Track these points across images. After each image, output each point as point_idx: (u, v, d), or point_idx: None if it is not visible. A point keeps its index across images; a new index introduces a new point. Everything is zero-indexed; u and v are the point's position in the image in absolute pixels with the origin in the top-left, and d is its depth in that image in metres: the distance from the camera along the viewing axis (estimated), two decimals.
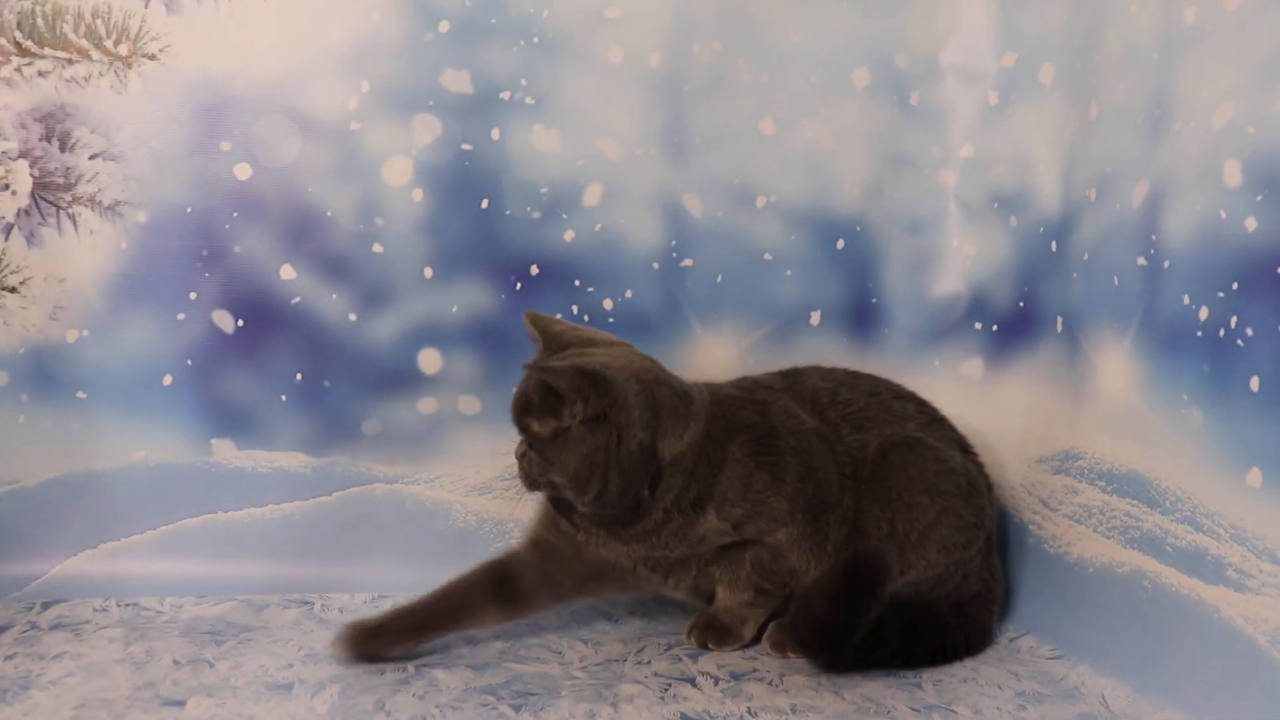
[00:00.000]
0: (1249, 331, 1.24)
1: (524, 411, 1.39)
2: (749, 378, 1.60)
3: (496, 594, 1.48)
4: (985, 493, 1.57)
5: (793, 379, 1.59)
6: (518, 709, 1.30)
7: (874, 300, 1.81)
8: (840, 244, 1.79)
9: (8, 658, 1.42)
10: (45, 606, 1.62)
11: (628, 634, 1.57)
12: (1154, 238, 1.40)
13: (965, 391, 1.78)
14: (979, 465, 1.60)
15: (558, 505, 1.47)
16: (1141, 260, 1.43)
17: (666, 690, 1.37)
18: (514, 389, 1.42)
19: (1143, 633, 1.39)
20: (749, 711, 1.30)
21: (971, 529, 1.52)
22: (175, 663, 1.42)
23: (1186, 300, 1.34)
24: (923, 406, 1.62)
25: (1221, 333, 1.28)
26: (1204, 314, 1.31)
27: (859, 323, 1.81)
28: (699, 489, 1.42)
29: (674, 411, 1.41)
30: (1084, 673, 1.42)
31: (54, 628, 1.54)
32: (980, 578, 1.55)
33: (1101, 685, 1.37)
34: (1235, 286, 1.26)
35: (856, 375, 1.62)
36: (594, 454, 1.35)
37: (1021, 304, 1.74)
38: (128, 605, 1.63)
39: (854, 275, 1.80)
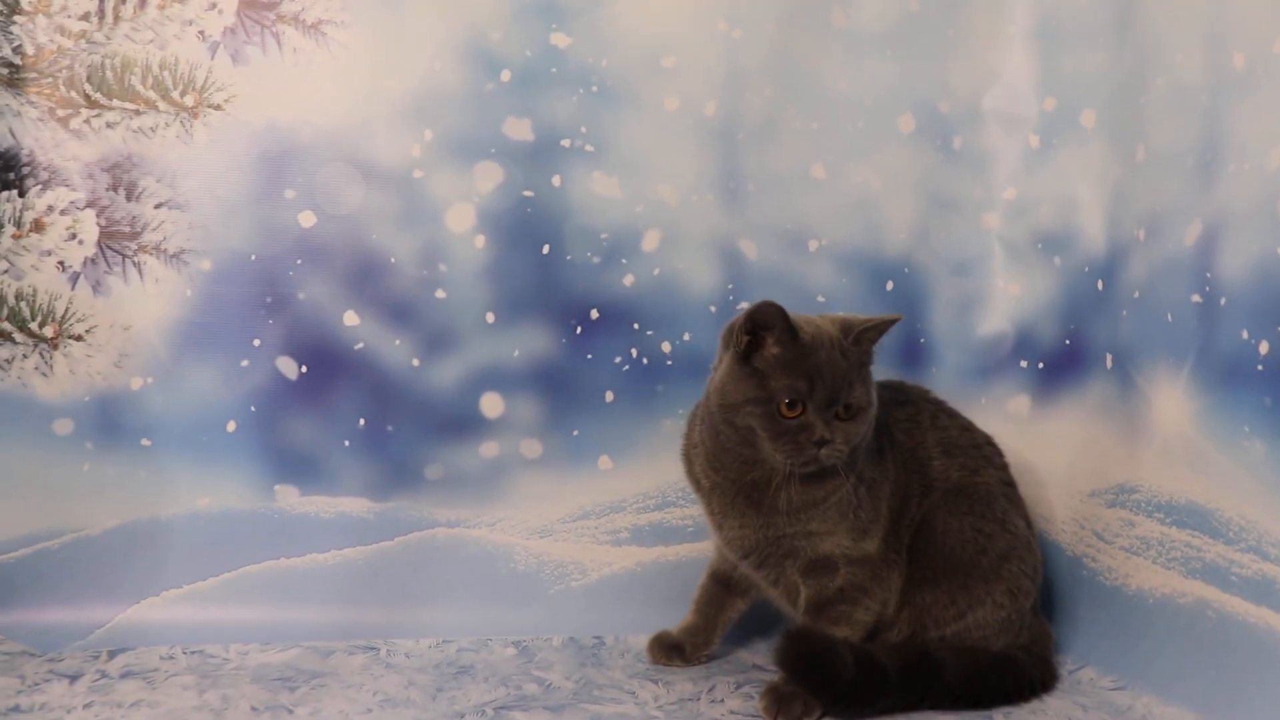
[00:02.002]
0: None
1: (851, 386, 1.41)
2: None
3: (730, 590, 1.62)
4: (1040, 563, 1.60)
5: (900, 392, 1.63)
6: None
7: (922, 339, 1.85)
8: (889, 285, 1.83)
9: (86, 706, 1.42)
10: (112, 655, 1.61)
11: (695, 674, 1.58)
12: (1209, 275, 1.43)
13: (1012, 428, 1.80)
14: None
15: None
16: (1196, 297, 1.46)
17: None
18: (812, 382, 1.38)
19: (1209, 662, 1.40)
20: None
21: (1030, 586, 1.54)
22: (254, 709, 1.41)
23: (1245, 335, 1.37)
24: (1005, 468, 1.63)
25: None
26: (1264, 348, 1.34)
27: (908, 361, 1.84)
28: None
29: None
30: (1150, 703, 1.43)
31: (125, 675, 1.53)
32: (1032, 629, 1.58)
33: (1169, 714, 1.38)
34: None
35: (954, 410, 1.65)
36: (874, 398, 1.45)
37: (1068, 341, 1.77)
38: (193, 653, 1.62)
39: (903, 315, 1.82)
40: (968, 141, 1.82)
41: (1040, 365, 1.81)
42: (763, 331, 1.39)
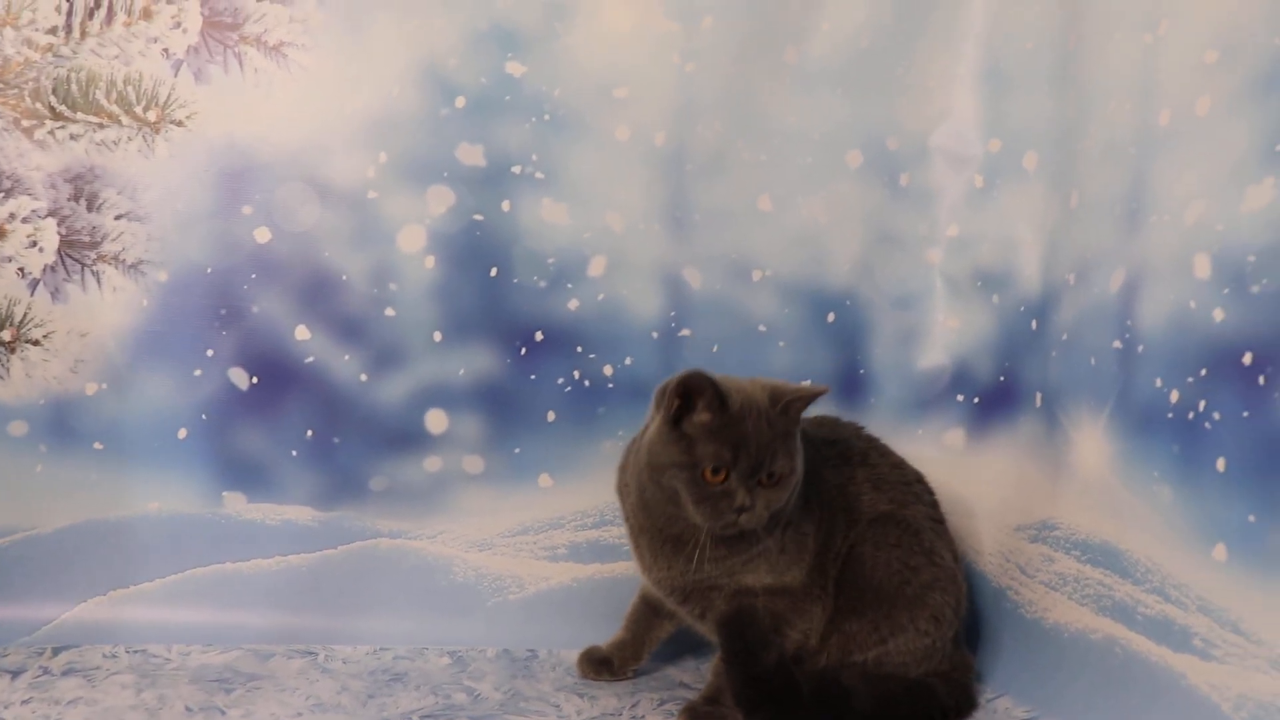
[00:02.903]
0: (1216, 415, 1.31)
1: (774, 455, 1.43)
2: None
3: (659, 613, 1.65)
4: (964, 594, 1.64)
5: (832, 429, 1.67)
6: None
7: (862, 371, 1.89)
8: (831, 317, 1.87)
9: (24, 702, 1.47)
10: (56, 652, 1.66)
11: (622, 689, 1.62)
12: (1129, 323, 1.48)
13: (947, 460, 1.85)
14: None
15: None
16: (1117, 343, 1.50)
17: None
18: (738, 451, 1.41)
19: (1114, 697, 1.44)
20: None
21: (953, 616, 1.58)
22: (188, 710, 1.47)
23: (1159, 383, 1.41)
24: (935, 505, 1.68)
25: (1191, 415, 1.35)
26: (1175, 397, 1.38)
27: (848, 392, 1.88)
28: None
29: None
30: None
31: (66, 673, 1.59)
32: (953, 658, 1.61)
33: None
34: (1204, 373, 1.33)
35: (885, 447, 1.68)
36: (800, 465, 1.48)
37: (1002, 378, 1.82)
38: (136, 652, 1.68)
39: (844, 347, 1.88)
40: (914, 178, 1.86)
41: (976, 400, 1.86)
42: (693, 397, 1.42)
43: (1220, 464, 1.30)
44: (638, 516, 1.53)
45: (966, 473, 1.84)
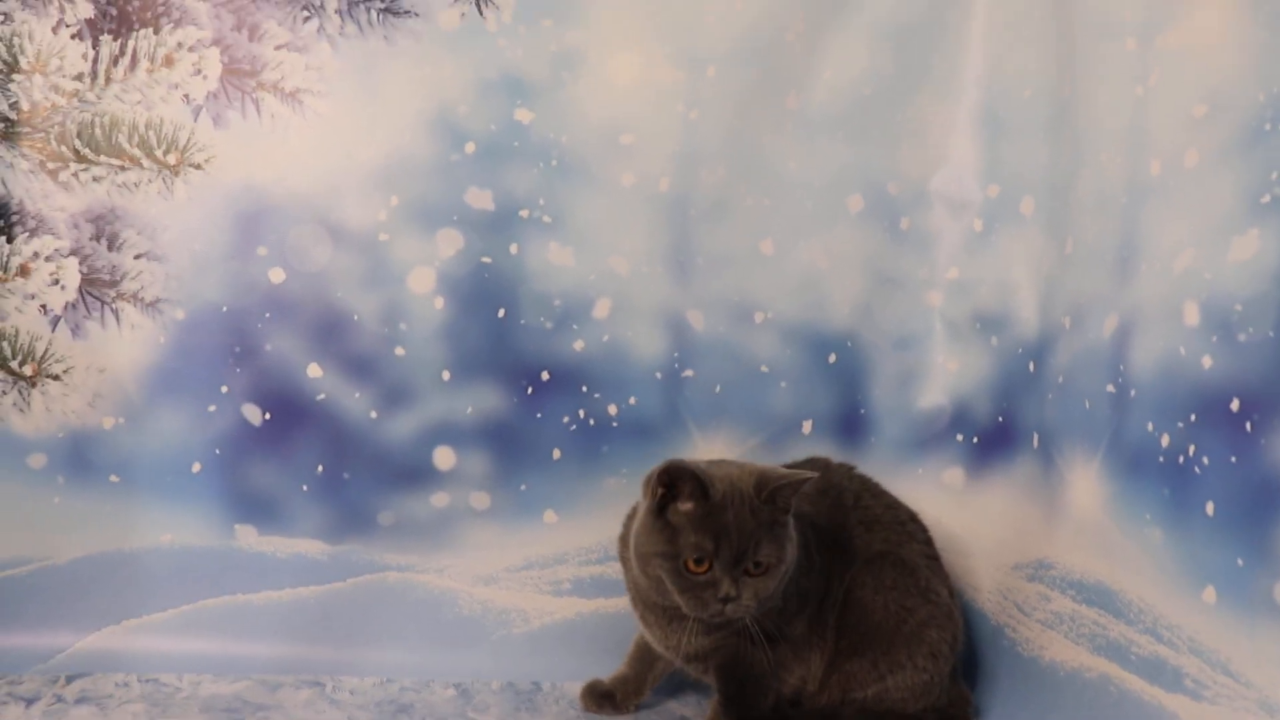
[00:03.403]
0: (1205, 460, 1.33)
1: (756, 545, 1.42)
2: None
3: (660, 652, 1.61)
4: (960, 629, 1.66)
5: (825, 472, 1.68)
6: None
7: (862, 411, 1.92)
8: (832, 358, 1.90)
9: None
10: (69, 680, 1.70)
11: None
12: (1122, 367, 1.50)
13: (946, 499, 1.88)
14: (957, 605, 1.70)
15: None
16: (1110, 387, 1.53)
17: None
18: (718, 542, 1.41)
19: None
20: None
21: (949, 651, 1.61)
22: None
23: (1150, 428, 1.43)
24: (929, 543, 1.71)
25: (1181, 459, 1.37)
26: (1165, 441, 1.40)
27: (848, 432, 1.91)
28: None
29: None
30: None
31: (79, 701, 1.62)
32: (950, 692, 1.63)
33: None
34: (1193, 418, 1.36)
35: (878, 487, 1.72)
36: (793, 551, 1.47)
37: (1001, 419, 1.84)
38: (148, 681, 1.71)
39: (844, 387, 1.91)
40: (914, 222, 1.89)
41: (975, 440, 1.88)
42: (675, 486, 1.43)
43: (1209, 508, 1.32)
44: (635, 589, 1.57)
45: (965, 512, 1.86)
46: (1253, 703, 1.24)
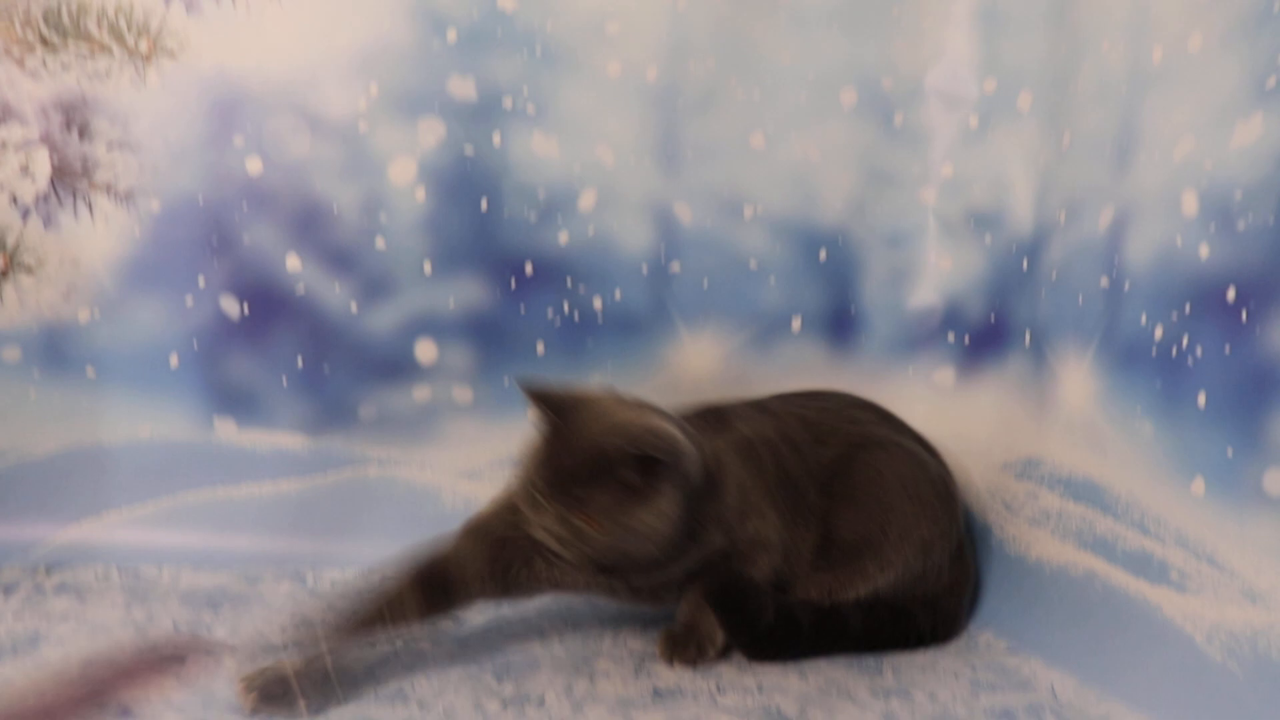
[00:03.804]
0: (1199, 351, 1.32)
1: (581, 480, 1.30)
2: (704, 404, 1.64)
3: (426, 598, 1.40)
4: (956, 493, 1.65)
5: (754, 405, 1.62)
6: (499, 679, 1.37)
7: (852, 309, 1.89)
8: (823, 254, 1.87)
9: (16, 617, 1.50)
10: (49, 570, 1.69)
11: (604, 615, 1.64)
12: (1116, 260, 1.48)
13: (937, 399, 1.87)
14: (945, 466, 1.68)
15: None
16: (1104, 281, 1.51)
17: (640, 667, 1.44)
18: (538, 456, 1.34)
19: (1092, 629, 1.46)
20: (717, 688, 1.37)
21: (947, 528, 1.59)
22: (175, 626, 1.49)
23: (1144, 320, 1.42)
24: (882, 413, 1.68)
25: (1174, 351, 1.36)
26: (1159, 333, 1.39)
27: (838, 330, 1.89)
28: (715, 509, 1.44)
29: (700, 447, 1.41)
30: (1036, 666, 1.48)
31: (59, 591, 1.62)
32: (951, 572, 1.62)
33: (1052, 677, 1.44)
34: (1188, 309, 1.34)
35: (812, 394, 1.68)
36: (669, 509, 1.33)
37: (993, 317, 1.83)
38: (128, 572, 1.71)
39: (834, 285, 1.88)
40: (908, 118, 1.86)
41: (966, 339, 1.86)
42: (534, 408, 1.36)
43: (1201, 399, 1.30)
44: None
45: (955, 412, 1.85)
46: (1236, 591, 1.24)
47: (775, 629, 1.46)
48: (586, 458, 1.30)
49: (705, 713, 1.30)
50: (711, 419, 1.54)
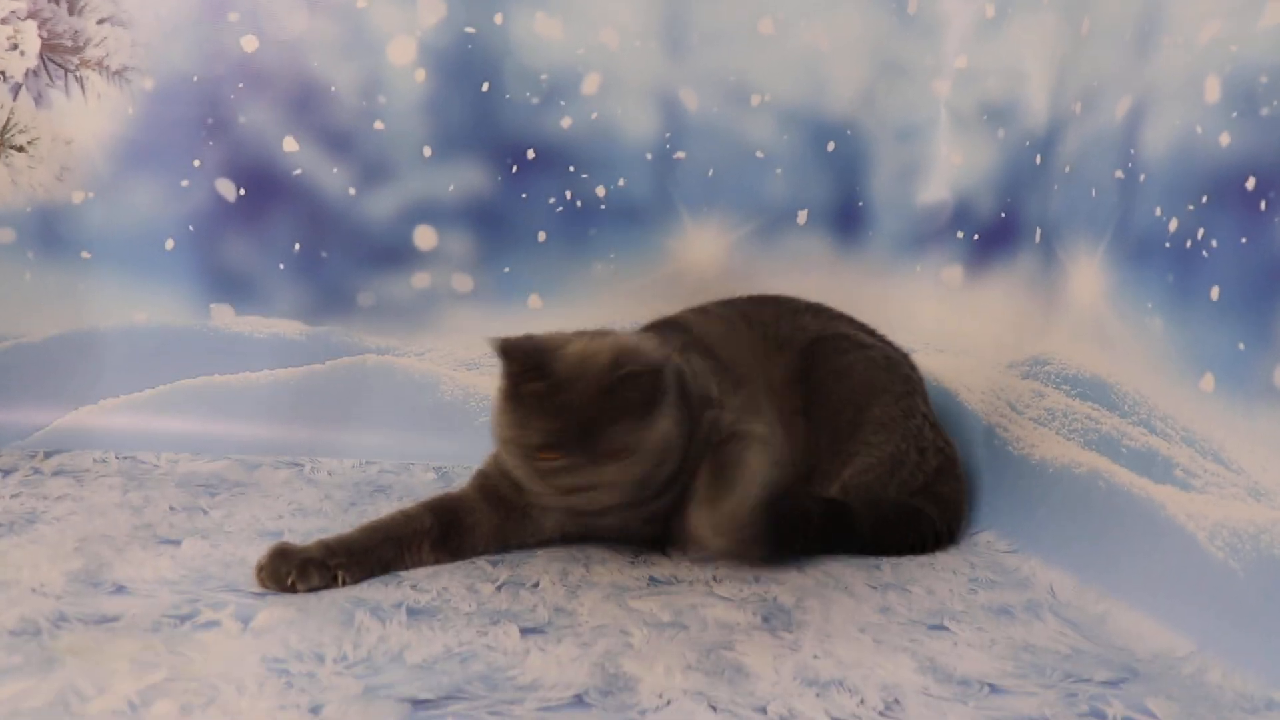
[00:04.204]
0: (1214, 243, 1.28)
1: (598, 427, 1.27)
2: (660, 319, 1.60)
3: (440, 537, 1.35)
4: (904, 360, 1.62)
5: (698, 313, 1.60)
6: (494, 564, 1.37)
7: (860, 203, 1.86)
8: (831, 146, 1.83)
9: (14, 496, 1.50)
10: (48, 455, 1.69)
11: None
12: (1133, 151, 1.44)
13: (944, 297, 1.84)
14: (889, 343, 1.65)
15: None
16: (1119, 173, 1.47)
17: (638, 556, 1.44)
18: (545, 422, 1.27)
19: (1094, 529, 1.45)
20: (714, 579, 1.36)
21: (904, 397, 1.57)
22: (171, 509, 1.49)
23: (1158, 212, 1.38)
24: (819, 311, 1.65)
25: (1188, 244, 1.32)
26: (1173, 225, 1.35)
27: (845, 224, 1.86)
28: (697, 405, 1.41)
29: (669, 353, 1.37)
30: (1035, 565, 1.48)
31: (56, 474, 1.62)
32: (936, 447, 1.60)
33: (1050, 576, 1.43)
34: (1205, 199, 1.30)
35: (757, 301, 1.64)
36: (673, 422, 1.32)
37: (1003, 214, 1.79)
38: (126, 458, 1.71)
39: (842, 177, 1.85)
40: (923, 7, 1.81)
41: (975, 237, 1.83)
42: (513, 366, 1.29)
43: (1214, 293, 1.27)
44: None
45: (962, 310, 1.83)
46: (1241, 489, 1.22)
47: (792, 526, 1.44)
48: (588, 400, 1.26)
49: (701, 600, 1.29)
50: (668, 328, 1.52)
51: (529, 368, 1.28)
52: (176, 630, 1.11)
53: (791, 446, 1.51)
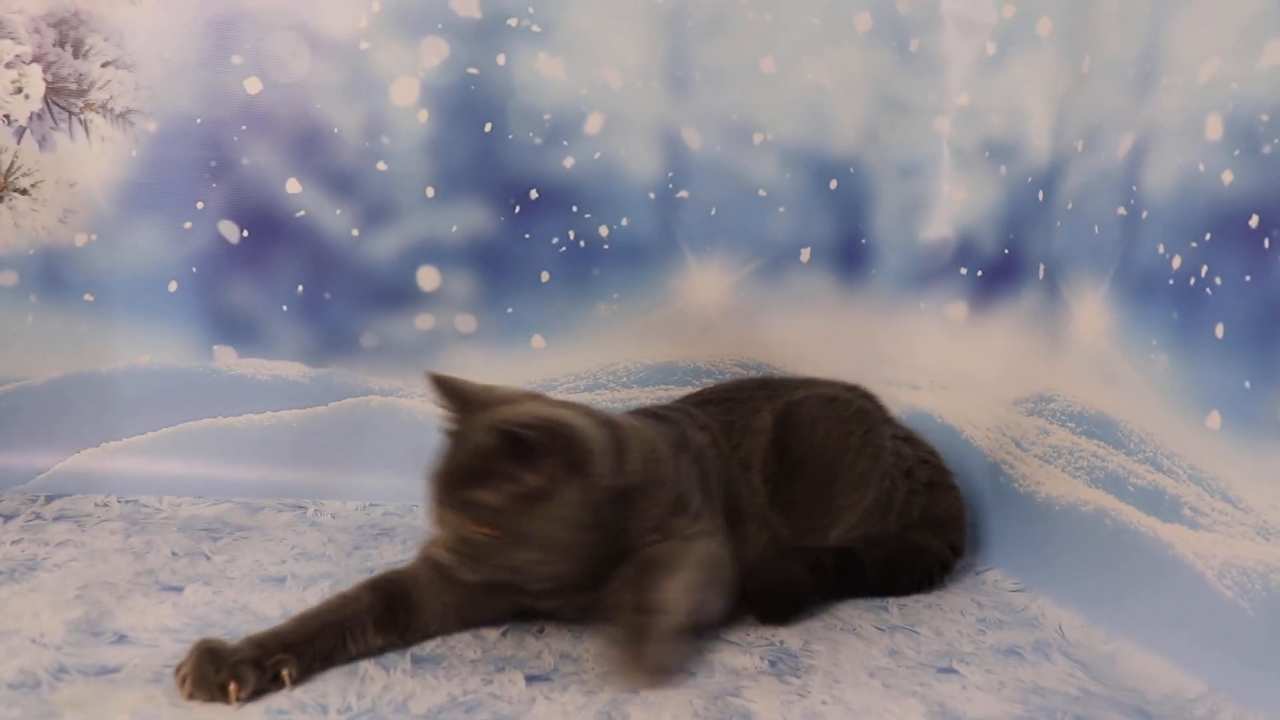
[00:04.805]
0: (1218, 280, 1.28)
1: (467, 482, 1.16)
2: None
3: (384, 617, 1.20)
4: (853, 395, 1.60)
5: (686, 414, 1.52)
6: None
7: (864, 240, 1.86)
8: (834, 184, 1.83)
9: (14, 542, 1.49)
10: (49, 499, 1.68)
11: None
12: (1135, 188, 1.44)
13: (948, 335, 1.84)
14: (829, 383, 1.63)
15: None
16: (1122, 210, 1.47)
17: None
18: (435, 462, 1.20)
19: (1102, 568, 1.44)
20: (720, 623, 1.35)
21: (867, 439, 1.54)
22: (174, 554, 1.48)
23: (1161, 250, 1.38)
24: (767, 384, 1.63)
25: (1192, 281, 1.32)
26: (1177, 263, 1.35)
27: (848, 262, 1.85)
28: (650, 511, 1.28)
29: (621, 441, 1.26)
30: (1044, 604, 1.47)
31: (58, 519, 1.61)
32: (920, 460, 1.59)
33: (1060, 615, 1.42)
34: (1208, 237, 1.30)
35: (722, 390, 1.62)
36: (570, 513, 1.17)
37: (1007, 251, 1.79)
38: (128, 502, 1.70)
39: (845, 215, 1.84)
40: (924, 44, 1.81)
41: (979, 273, 1.83)
42: (438, 400, 1.23)
43: (1219, 330, 1.27)
44: None
45: (966, 347, 1.83)
46: (1250, 528, 1.21)
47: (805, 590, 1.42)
48: (474, 453, 1.17)
49: (707, 645, 1.28)
50: (658, 416, 1.47)
51: (450, 404, 1.22)
52: None
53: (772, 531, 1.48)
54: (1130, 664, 1.27)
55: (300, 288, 1.76)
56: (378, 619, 1.19)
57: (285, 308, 1.76)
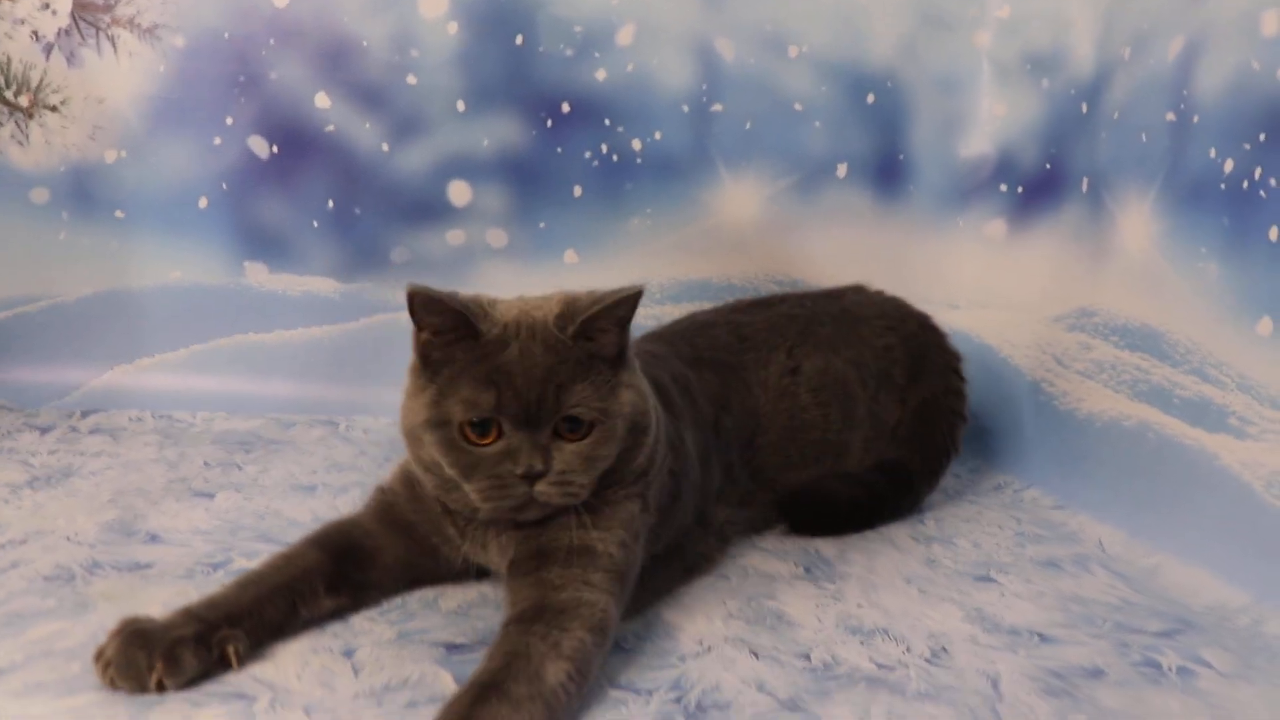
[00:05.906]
0: (1272, 182, 1.24)
1: (562, 392, 1.00)
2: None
3: (334, 576, 1.06)
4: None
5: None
6: None
7: (901, 156, 1.82)
8: (871, 98, 1.79)
9: (51, 453, 1.51)
10: (84, 414, 1.70)
11: None
12: (1185, 92, 1.40)
13: (987, 252, 1.80)
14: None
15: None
16: (1171, 116, 1.43)
17: None
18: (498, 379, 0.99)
19: (1144, 482, 1.41)
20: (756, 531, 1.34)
21: (869, 417, 1.49)
22: (206, 464, 1.49)
23: (1213, 154, 1.34)
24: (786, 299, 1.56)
25: (1245, 184, 1.28)
26: (1229, 166, 1.31)
27: (885, 178, 1.82)
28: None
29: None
30: (1084, 521, 1.45)
31: (93, 432, 1.62)
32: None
33: (1100, 531, 1.40)
34: (1262, 138, 1.26)
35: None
36: (640, 382, 1.08)
37: (1048, 165, 1.74)
38: (161, 417, 1.71)
39: (883, 130, 1.80)
40: None
41: (1019, 189, 1.78)
42: (427, 324, 1.02)
43: (1273, 233, 1.23)
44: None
45: (1005, 265, 1.78)
46: None
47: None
48: (551, 355, 1.00)
49: (742, 552, 1.27)
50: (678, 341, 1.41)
51: (452, 326, 1.01)
52: (210, 577, 1.11)
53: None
54: (1173, 576, 1.25)
55: (330, 203, 1.74)
56: (330, 580, 1.04)
57: (316, 223, 1.75)
